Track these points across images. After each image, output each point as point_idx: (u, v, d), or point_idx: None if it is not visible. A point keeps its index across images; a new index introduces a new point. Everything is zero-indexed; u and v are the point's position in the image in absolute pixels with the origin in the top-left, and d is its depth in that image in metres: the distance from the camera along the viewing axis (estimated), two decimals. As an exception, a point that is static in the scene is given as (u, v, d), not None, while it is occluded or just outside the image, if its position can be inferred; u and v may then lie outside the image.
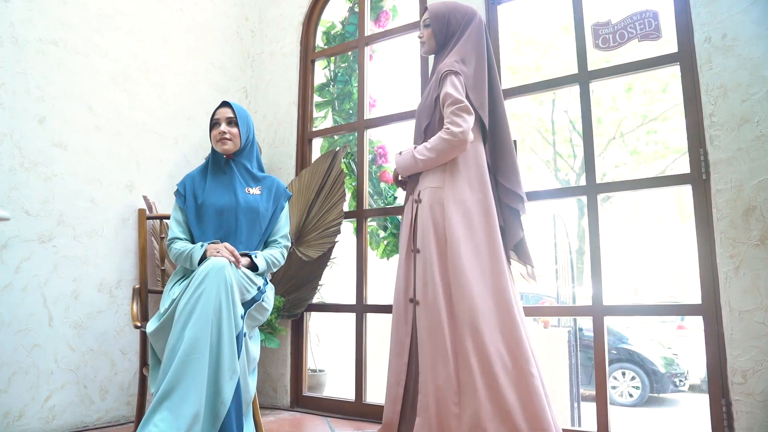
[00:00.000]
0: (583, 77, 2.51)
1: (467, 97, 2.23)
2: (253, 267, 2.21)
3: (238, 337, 1.94)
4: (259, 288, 2.19)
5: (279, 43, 3.61)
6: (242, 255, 2.20)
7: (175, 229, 2.31)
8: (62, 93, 2.65)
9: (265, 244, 2.41)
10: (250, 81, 3.69)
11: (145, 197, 2.90)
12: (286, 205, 2.49)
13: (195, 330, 1.83)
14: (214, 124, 2.40)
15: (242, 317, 2.01)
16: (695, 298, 2.40)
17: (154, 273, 2.86)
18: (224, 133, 2.34)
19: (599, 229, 2.38)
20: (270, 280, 2.40)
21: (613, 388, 7.79)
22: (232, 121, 2.38)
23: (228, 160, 2.41)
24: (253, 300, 2.15)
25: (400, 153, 2.38)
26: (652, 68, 2.33)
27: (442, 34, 2.40)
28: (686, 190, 2.22)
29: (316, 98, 3.60)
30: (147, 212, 2.81)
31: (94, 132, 2.76)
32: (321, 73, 3.68)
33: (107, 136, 2.82)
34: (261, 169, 2.53)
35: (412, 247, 2.30)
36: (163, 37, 3.15)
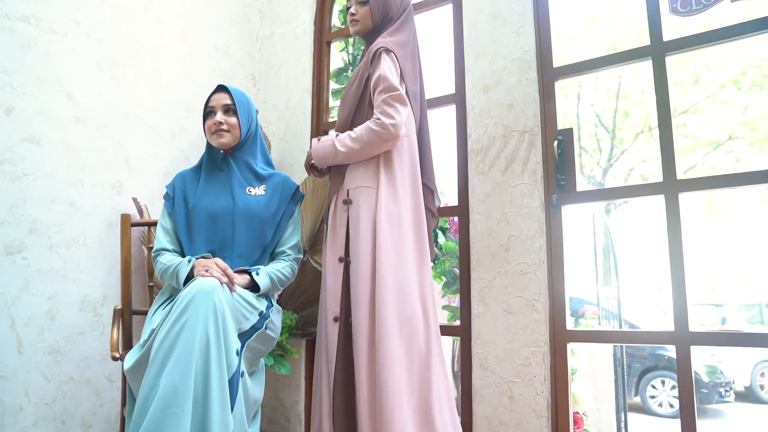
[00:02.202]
0: (657, 50, 2.05)
1: (402, 82, 2.02)
2: (253, 287, 1.80)
3: (231, 381, 1.52)
4: (261, 313, 1.77)
5: (290, 23, 3.20)
6: (240, 272, 1.79)
7: (161, 238, 1.91)
8: (35, 79, 2.26)
9: (272, 256, 2.00)
10: (259, 66, 3.28)
11: (134, 200, 2.50)
12: (298, 208, 2.08)
13: (173, 376, 1.42)
14: (208, 113, 2.00)
15: (238, 353, 1.59)
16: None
17: (143, 289, 2.46)
18: (220, 123, 1.94)
19: (681, 235, 1.93)
20: (277, 300, 1.98)
21: (652, 397, 7.29)
22: (229, 109, 1.98)
23: (225, 156, 2.00)
24: (254, 329, 1.74)
25: (319, 139, 2.09)
26: (749, 35, 1.87)
27: (380, 14, 2.15)
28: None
29: (333, 85, 3.18)
30: (137, 216, 2.42)
31: (74, 124, 2.36)
32: (338, 56, 3.26)
33: (90, 129, 2.42)
34: (269, 165, 2.11)
35: (341, 256, 1.98)
36: (157, 15, 2.74)
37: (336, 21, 3.21)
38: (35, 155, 2.24)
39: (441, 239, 3.00)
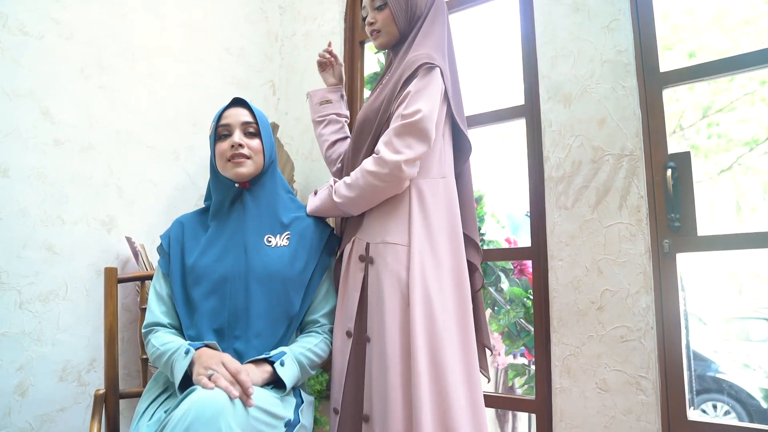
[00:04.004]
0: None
1: (449, 112, 1.57)
2: (277, 380, 1.31)
3: None
4: (288, 422, 1.28)
5: (316, 20, 2.70)
6: (258, 362, 1.30)
7: (154, 308, 1.42)
8: (0, 93, 1.78)
9: (300, 328, 1.51)
10: (279, 72, 2.78)
11: (128, 239, 2.01)
12: (332, 260, 1.58)
13: None
14: (222, 135, 1.50)
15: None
16: None
17: (136, 360, 1.99)
18: (241, 146, 1.45)
19: None
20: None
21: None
22: (251, 129, 1.50)
23: (241, 192, 1.51)
24: (278, 444, 1.24)
25: (315, 193, 1.67)
26: None
27: (405, 15, 1.65)
28: None
29: (368, 93, 2.67)
30: (133, 260, 1.93)
31: (52, 147, 1.88)
32: (373, 59, 2.76)
33: (72, 153, 1.94)
34: (292, 202, 1.62)
35: (356, 331, 1.49)
36: (157, 11, 2.25)
37: (371, 16, 2.71)
38: (1, 188, 1.76)
39: (504, 284, 2.48)
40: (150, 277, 1.74)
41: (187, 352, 1.26)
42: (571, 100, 1.91)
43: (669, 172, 1.71)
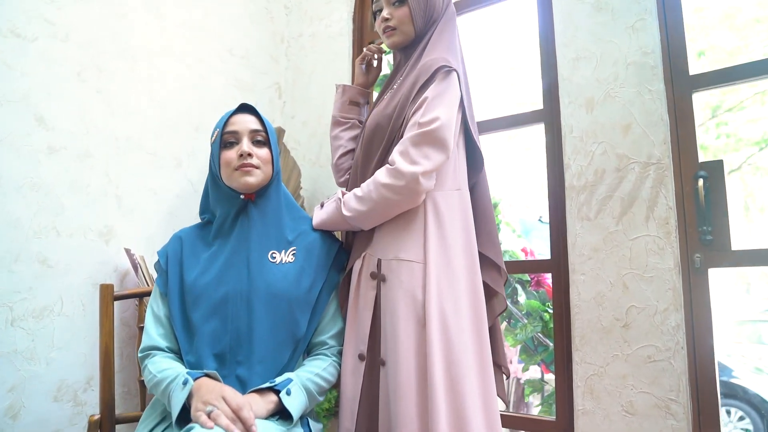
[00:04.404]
0: None
1: (464, 120, 1.45)
2: (283, 410, 1.21)
3: None
4: (295, 455, 1.17)
5: (323, 21, 2.60)
6: (262, 392, 1.20)
7: (152, 330, 1.33)
8: (-9, 96, 1.69)
9: (307, 350, 1.41)
10: (285, 74, 2.68)
11: (127, 251, 1.92)
12: (341, 275, 1.49)
13: None
14: (228, 142, 1.40)
15: None
16: None
17: (132, 375, 1.89)
18: (250, 156, 1.35)
19: None
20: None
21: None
22: (259, 137, 1.40)
23: (246, 204, 1.41)
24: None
25: (322, 205, 1.56)
26: None
27: (423, 15, 1.54)
28: None
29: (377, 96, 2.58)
30: (132, 273, 1.84)
31: (45, 155, 1.79)
32: (383, 60, 2.65)
33: (68, 160, 1.84)
34: (298, 214, 1.52)
35: (369, 354, 1.40)
36: (157, 11, 2.16)
37: (380, 16, 2.61)
38: (-9, 199, 1.67)
39: (521, 296, 2.38)
40: (149, 294, 1.64)
41: (185, 383, 1.16)
42: (594, 105, 1.81)
43: (701, 182, 1.60)
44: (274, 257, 1.39)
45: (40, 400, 1.74)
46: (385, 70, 2.57)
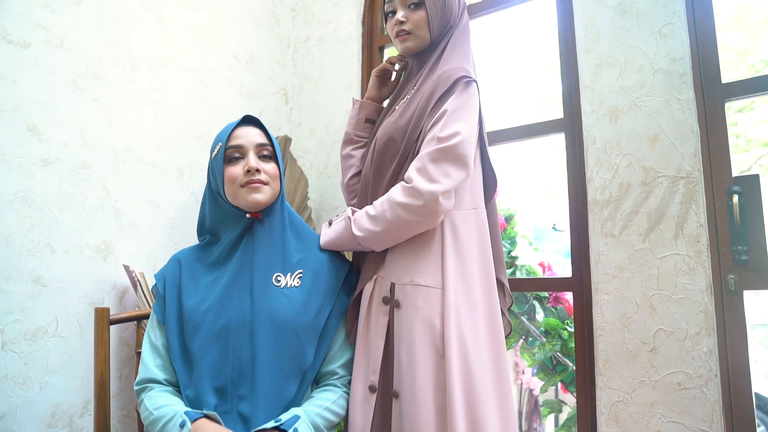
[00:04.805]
0: None
1: (480, 135, 1.38)
2: None
3: None
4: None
5: (332, 24, 2.51)
6: (268, 431, 1.10)
7: (148, 361, 1.24)
8: (-18, 106, 1.60)
9: (316, 380, 1.32)
10: (291, 79, 2.59)
11: (126, 268, 1.83)
12: (351, 297, 1.39)
13: None
14: (232, 157, 1.31)
15: None
16: None
17: (132, 398, 1.80)
18: (258, 171, 1.25)
19: None
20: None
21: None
22: (265, 151, 1.31)
23: (253, 222, 1.31)
24: None
25: (330, 223, 1.44)
26: None
27: (440, 21, 1.44)
28: None
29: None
30: (131, 290, 1.76)
31: (39, 167, 1.70)
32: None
33: (63, 173, 1.75)
34: (299, 227, 1.43)
35: (380, 385, 1.30)
36: (159, 15, 2.07)
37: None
38: (-19, 215, 1.58)
39: (539, 314, 2.27)
40: (148, 316, 1.55)
41: (182, 425, 1.07)
42: (618, 114, 1.71)
43: (735, 197, 1.50)
44: (279, 280, 1.30)
45: (34, 427, 1.65)
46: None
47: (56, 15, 1.75)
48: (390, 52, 2.43)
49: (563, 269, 3.23)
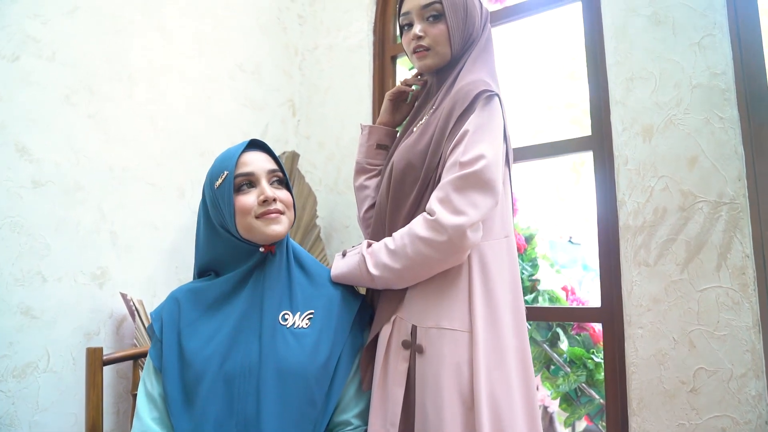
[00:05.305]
0: None
1: (506, 154, 1.26)
2: None
3: None
4: None
5: (341, 31, 2.39)
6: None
7: (144, 414, 1.12)
8: (-34, 126, 1.49)
9: (329, 429, 1.20)
10: (299, 90, 2.47)
11: (124, 296, 1.71)
12: (366, 334, 1.28)
13: None
14: (242, 185, 1.18)
15: None
16: None
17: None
18: (275, 201, 1.13)
19: None
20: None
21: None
22: (276, 177, 1.19)
23: (266, 257, 1.20)
24: None
25: (343, 254, 1.31)
26: None
27: (462, 35, 1.30)
28: None
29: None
30: (129, 319, 1.64)
31: (29, 189, 1.58)
32: (407, 75, 2.43)
33: (55, 195, 1.64)
34: (305, 258, 1.31)
35: None
36: (159, 23, 1.95)
37: (402, 27, 2.39)
38: (-35, 244, 1.47)
39: (563, 343, 2.14)
40: (146, 354, 1.43)
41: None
42: (653, 133, 1.58)
43: (786, 227, 1.37)
44: (286, 319, 1.18)
45: (22, 470, 1.53)
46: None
47: (47, 26, 1.64)
48: (403, 62, 2.31)
49: (580, 285, 3.10)
